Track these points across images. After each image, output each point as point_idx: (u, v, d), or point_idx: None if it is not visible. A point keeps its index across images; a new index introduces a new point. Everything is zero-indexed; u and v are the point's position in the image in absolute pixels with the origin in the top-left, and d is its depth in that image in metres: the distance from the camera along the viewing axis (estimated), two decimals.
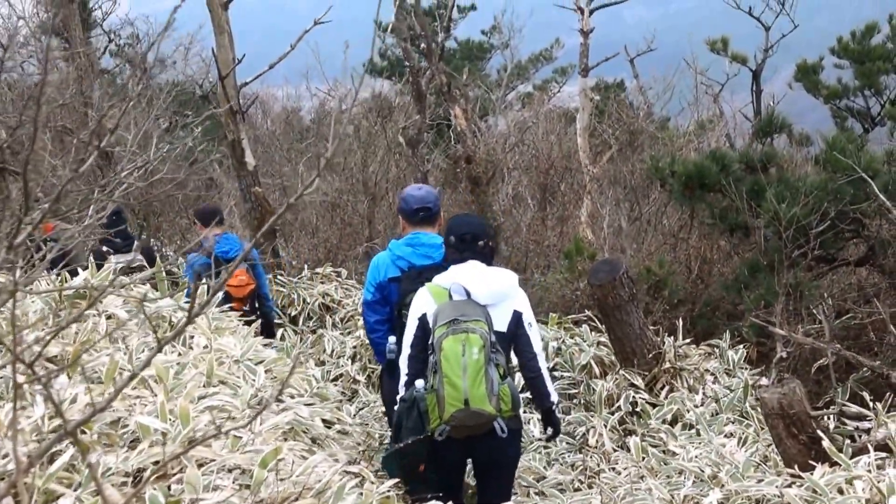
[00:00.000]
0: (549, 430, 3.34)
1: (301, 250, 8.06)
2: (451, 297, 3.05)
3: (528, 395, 4.70)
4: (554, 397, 3.25)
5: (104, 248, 4.99)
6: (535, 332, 3.18)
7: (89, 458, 2.27)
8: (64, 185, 1.75)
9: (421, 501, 2.81)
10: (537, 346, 3.18)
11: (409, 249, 3.59)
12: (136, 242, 5.61)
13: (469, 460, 3.27)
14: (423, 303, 3.13)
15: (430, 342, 3.01)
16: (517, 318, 3.14)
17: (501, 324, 3.09)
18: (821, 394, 4.63)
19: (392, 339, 3.49)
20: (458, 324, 2.91)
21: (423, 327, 3.07)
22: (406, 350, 3.13)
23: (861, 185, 5.20)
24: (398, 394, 3.14)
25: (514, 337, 3.14)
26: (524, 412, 4.52)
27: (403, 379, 3.11)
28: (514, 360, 3.28)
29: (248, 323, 4.32)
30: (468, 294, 3.04)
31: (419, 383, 2.98)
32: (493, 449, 3.06)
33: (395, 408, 3.10)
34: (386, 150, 9.73)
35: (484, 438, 2.98)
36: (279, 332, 5.36)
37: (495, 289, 3.10)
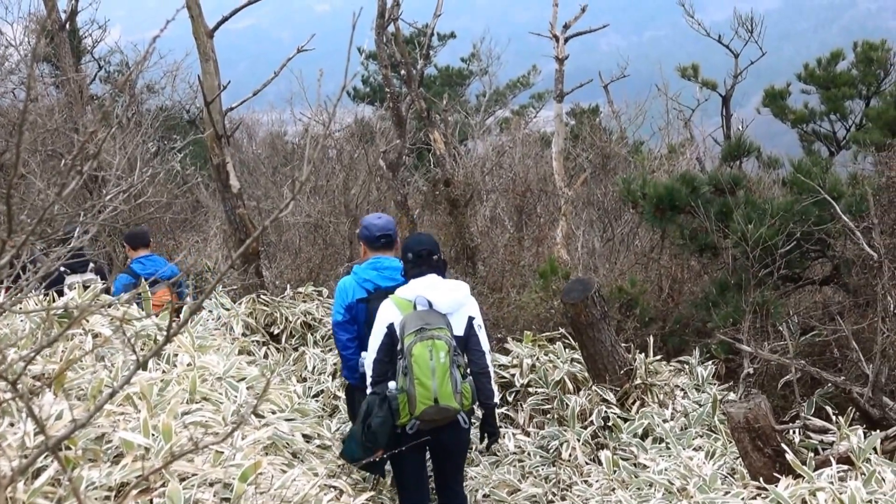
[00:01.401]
0: (486, 439, 3.67)
1: (284, 270, 8.12)
2: (415, 307, 3.37)
3: (503, 410, 4.84)
4: (496, 398, 3.60)
5: (62, 269, 5.30)
6: (483, 333, 3.54)
7: (70, 473, 2.33)
8: (47, 209, 1.83)
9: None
10: (485, 346, 3.52)
11: (375, 273, 3.91)
12: (91, 263, 5.87)
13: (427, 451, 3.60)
14: (389, 313, 3.44)
15: (398, 348, 3.33)
16: (470, 322, 3.48)
17: (459, 329, 3.43)
18: (786, 408, 4.72)
19: (364, 354, 3.69)
20: (424, 332, 3.26)
21: (391, 335, 3.39)
22: (372, 355, 3.45)
23: (826, 207, 5.28)
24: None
25: (467, 338, 3.47)
26: (500, 427, 4.64)
27: (370, 379, 3.45)
28: None
29: None
30: (430, 305, 3.37)
31: (392, 384, 3.31)
32: (455, 436, 3.44)
33: (366, 400, 3.42)
34: (367, 174, 9.87)
35: (448, 428, 3.37)
36: (262, 350, 5.43)
37: (453, 298, 3.44)
